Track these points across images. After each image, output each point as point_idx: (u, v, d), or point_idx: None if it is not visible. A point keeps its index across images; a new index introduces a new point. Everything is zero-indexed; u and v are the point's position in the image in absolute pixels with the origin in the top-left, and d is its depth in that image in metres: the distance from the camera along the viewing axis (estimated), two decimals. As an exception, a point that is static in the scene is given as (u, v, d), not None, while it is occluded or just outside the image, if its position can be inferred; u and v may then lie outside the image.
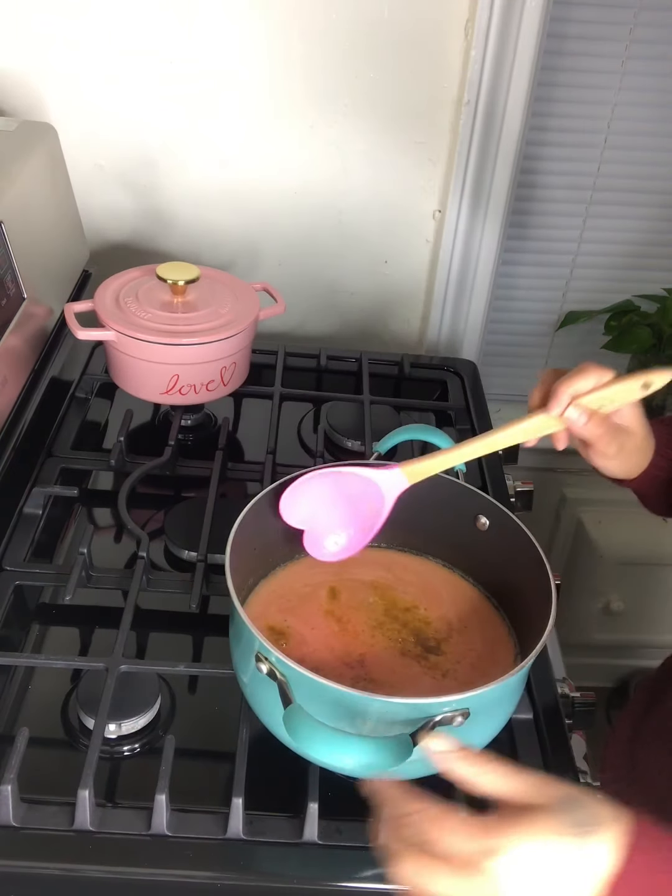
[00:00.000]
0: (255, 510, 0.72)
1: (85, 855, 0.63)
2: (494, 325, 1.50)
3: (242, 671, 0.66)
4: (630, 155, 1.35)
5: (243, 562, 0.71)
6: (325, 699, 0.58)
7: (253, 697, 0.66)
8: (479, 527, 0.77)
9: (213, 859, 0.63)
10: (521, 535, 0.73)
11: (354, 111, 1.23)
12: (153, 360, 0.97)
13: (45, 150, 1.05)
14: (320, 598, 0.76)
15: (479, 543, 0.78)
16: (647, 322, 1.46)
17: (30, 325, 0.95)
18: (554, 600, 0.66)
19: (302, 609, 0.74)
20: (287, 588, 0.77)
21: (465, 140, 1.24)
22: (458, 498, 0.78)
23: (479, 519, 0.77)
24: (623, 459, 0.71)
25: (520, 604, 0.74)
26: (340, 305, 1.42)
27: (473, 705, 0.59)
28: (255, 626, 0.61)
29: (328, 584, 0.78)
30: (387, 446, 0.81)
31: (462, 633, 0.75)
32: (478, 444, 0.69)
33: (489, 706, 0.63)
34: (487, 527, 0.77)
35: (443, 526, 0.80)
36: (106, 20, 1.15)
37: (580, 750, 0.76)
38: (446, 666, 0.71)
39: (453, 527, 0.79)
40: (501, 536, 0.75)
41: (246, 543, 0.71)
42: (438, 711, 0.58)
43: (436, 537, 0.81)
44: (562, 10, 1.21)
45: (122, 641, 0.75)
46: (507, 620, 0.76)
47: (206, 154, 1.26)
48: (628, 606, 1.72)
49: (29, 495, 0.92)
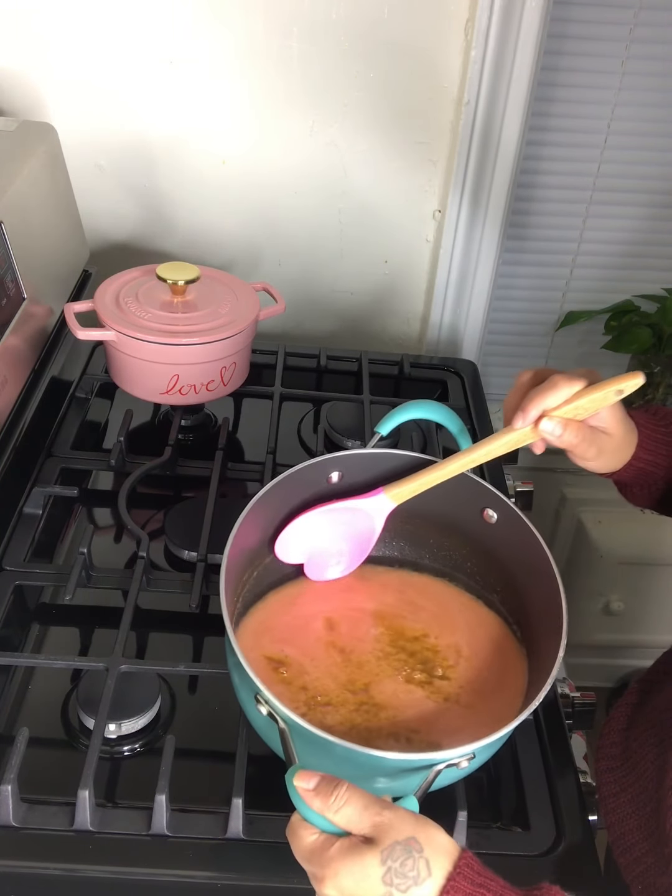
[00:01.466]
0: (250, 519, 0.70)
1: (85, 855, 0.63)
2: (494, 325, 1.50)
3: (246, 707, 0.65)
4: (630, 155, 1.35)
5: (240, 566, 0.71)
6: (328, 751, 0.57)
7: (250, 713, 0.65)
8: (485, 518, 0.77)
9: (213, 859, 0.63)
10: (534, 542, 0.72)
11: (354, 111, 1.23)
12: (153, 360, 0.97)
13: (45, 150, 1.05)
14: (317, 629, 0.74)
15: (487, 543, 0.77)
16: (647, 322, 1.46)
17: (30, 325, 0.95)
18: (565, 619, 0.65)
19: (298, 640, 0.73)
20: (276, 619, 0.75)
21: (465, 140, 1.24)
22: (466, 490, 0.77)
23: (486, 511, 0.77)
24: (604, 460, 0.71)
25: (529, 613, 0.74)
26: (340, 305, 1.42)
27: (481, 749, 0.59)
28: (256, 668, 0.59)
29: (322, 614, 0.76)
30: (388, 427, 0.78)
31: (470, 660, 0.73)
32: (460, 461, 0.70)
33: (492, 744, 0.61)
34: (495, 520, 0.76)
35: (449, 522, 0.79)
36: (106, 20, 1.14)
37: (580, 750, 0.76)
38: (448, 690, 0.71)
39: (460, 519, 0.78)
40: (511, 539, 0.75)
41: (238, 570, 0.70)
42: (445, 760, 0.57)
43: (442, 533, 0.81)
44: (562, 10, 1.21)
45: (122, 641, 0.75)
46: (522, 643, 0.74)
47: (206, 154, 1.26)
48: (628, 606, 1.72)
49: (29, 495, 0.92)
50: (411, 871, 0.49)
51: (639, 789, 0.70)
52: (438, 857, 0.50)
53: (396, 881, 0.48)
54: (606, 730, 0.78)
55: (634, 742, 0.73)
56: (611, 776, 0.73)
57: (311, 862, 0.51)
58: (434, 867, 0.49)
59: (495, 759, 0.73)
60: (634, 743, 0.73)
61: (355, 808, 0.51)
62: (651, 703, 0.74)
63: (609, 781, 0.73)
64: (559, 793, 0.70)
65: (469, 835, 0.65)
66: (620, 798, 0.71)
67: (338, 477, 0.78)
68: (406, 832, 0.50)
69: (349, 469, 0.78)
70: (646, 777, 0.69)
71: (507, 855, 0.66)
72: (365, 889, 0.49)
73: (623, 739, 0.75)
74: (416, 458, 0.78)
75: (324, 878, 0.50)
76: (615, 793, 0.72)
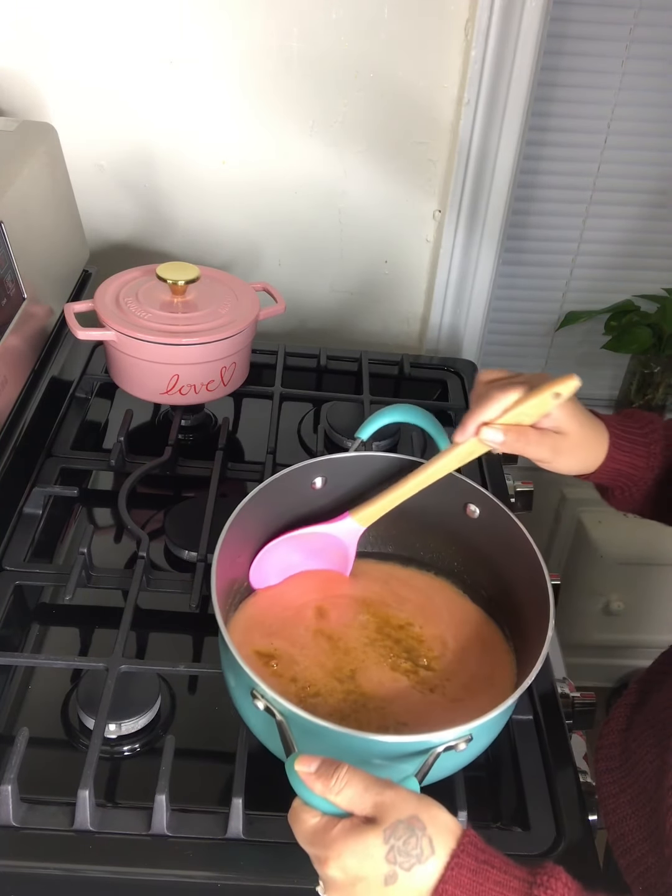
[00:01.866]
0: (238, 524, 0.71)
1: (85, 855, 0.63)
2: (494, 325, 1.50)
3: (243, 709, 0.66)
4: (630, 155, 1.35)
5: (228, 582, 0.72)
6: (326, 738, 0.57)
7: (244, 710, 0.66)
8: (468, 514, 0.77)
9: (213, 859, 0.63)
10: (516, 531, 0.73)
11: (354, 111, 1.23)
12: (153, 360, 0.97)
13: (45, 150, 1.05)
14: (307, 618, 0.76)
15: (472, 540, 0.78)
16: (647, 322, 1.46)
17: (30, 325, 0.95)
18: (552, 605, 0.66)
19: (287, 631, 0.74)
20: (266, 613, 0.76)
21: (465, 140, 1.24)
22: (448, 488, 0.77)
23: (469, 507, 0.77)
24: (565, 460, 0.71)
25: (518, 610, 0.74)
26: (340, 305, 1.42)
27: (477, 730, 0.59)
28: (248, 664, 0.60)
29: (313, 603, 0.77)
30: (367, 432, 0.80)
31: (456, 653, 0.74)
32: (418, 477, 0.72)
33: (488, 726, 0.62)
34: (478, 514, 0.77)
35: (434, 521, 0.80)
36: (106, 20, 1.14)
37: (580, 750, 0.76)
38: (434, 682, 0.71)
39: (444, 518, 0.79)
40: (495, 532, 0.75)
41: (229, 568, 0.71)
42: (442, 742, 0.58)
43: (427, 534, 0.81)
44: (562, 10, 1.21)
45: (122, 641, 0.75)
46: (509, 640, 0.75)
47: (206, 154, 1.26)
48: (628, 606, 1.72)
49: (29, 495, 0.92)
50: (414, 849, 0.49)
51: (638, 790, 0.70)
52: (442, 835, 0.50)
53: (400, 859, 0.49)
54: (605, 730, 0.78)
55: (634, 742, 0.73)
56: (610, 777, 0.74)
57: (313, 844, 0.51)
58: (437, 845, 0.49)
59: (495, 759, 0.73)
60: (634, 743, 0.73)
61: (356, 789, 0.51)
62: (650, 703, 0.75)
63: (608, 782, 0.73)
64: (559, 793, 0.71)
65: (469, 835, 0.65)
66: (620, 799, 0.71)
67: (321, 482, 0.79)
68: (408, 811, 0.50)
69: (333, 474, 0.79)
70: (645, 777, 0.69)
71: (508, 855, 0.65)
72: (369, 868, 0.49)
73: (622, 740, 0.75)
74: (399, 459, 0.79)
75: (327, 859, 0.50)
76: (615, 794, 0.72)
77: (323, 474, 0.79)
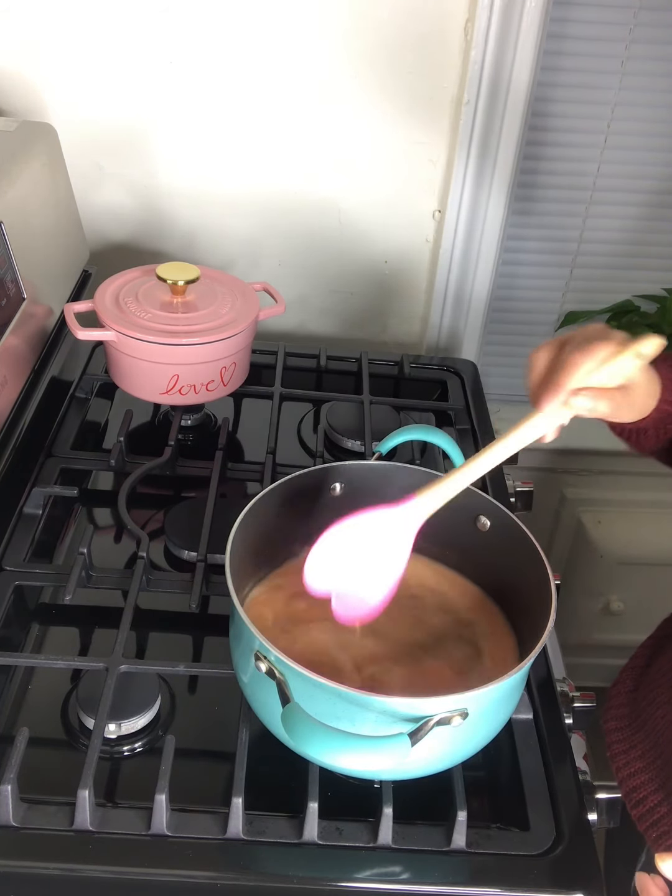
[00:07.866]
0: (255, 510, 0.72)
1: (85, 855, 0.63)
2: (494, 325, 1.50)
3: (242, 671, 0.66)
4: (630, 155, 1.35)
5: (244, 562, 0.71)
6: (323, 697, 0.58)
7: (253, 697, 0.66)
8: (479, 527, 0.77)
9: (213, 859, 0.63)
10: (522, 536, 0.73)
11: (354, 111, 1.23)
12: (153, 360, 0.97)
13: (45, 150, 1.05)
14: None
15: (479, 544, 0.77)
16: (647, 322, 1.45)
17: (30, 325, 0.95)
18: (554, 600, 0.66)
19: (302, 603, 0.74)
20: (287, 587, 0.76)
21: (465, 140, 1.24)
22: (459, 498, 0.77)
23: (480, 519, 0.77)
24: (635, 413, 0.70)
25: (521, 604, 0.74)
26: (340, 305, 1.42)
27: (472, 706, 0.59)
28: (254, 625, 0.61)
29: None
30: (388, 447, 0.81)
31: (462, 634, 0.74)
32: (490, 451, 0.66)
33: (488, 706, 0.62)
34: (488, 527, 0.77)
35: (443, 527, 0.79)
36: (105, 20, 1.15)
37: (580, 750, 0.76)
38: (442, 663, 0.71)
39: (453, 527, 0.78)
40: (502, 537, 0.75)
41: (247, 543, 0.71)
42: (437, 711, 0.58)
43: (436, 539, 0.81)
44: (562, 10, 1.21)
45: (121, 641, 0.75)
46: (509, 623, 0.76)
47: (207, 154, 1.26)
48: (628, 606, 1.72)
49: (29, 495, 0.92)
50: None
51: (649, 745, 0.73)
52: None
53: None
54: (613, 692, 0.80)
55: (643, 702, 0.76)
56: (620, 735, 0.77)
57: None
58: None
59: (495, 759, 0.73)
60: (643, 702, 0.76)
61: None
62: (656, 665, 0.76)
63: (619, 740, 0.76)
64: (559, 793, 0.70)
65: (469, 835, 0.65)
66: (631, 754, 0.74)
67: (340, 488, 0.79)
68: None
69: (350, 481, 0.79)
70: (656, 732, 0.72)
71: (507, 855, 0.65)
72: None
73: (630, 700, 0.77)
74: (419, 471, 0.78)
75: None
76: (625, 750, 0.75)
77: (342, 480, 0.78)
